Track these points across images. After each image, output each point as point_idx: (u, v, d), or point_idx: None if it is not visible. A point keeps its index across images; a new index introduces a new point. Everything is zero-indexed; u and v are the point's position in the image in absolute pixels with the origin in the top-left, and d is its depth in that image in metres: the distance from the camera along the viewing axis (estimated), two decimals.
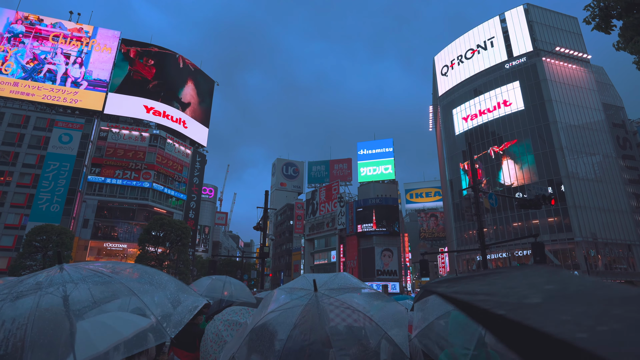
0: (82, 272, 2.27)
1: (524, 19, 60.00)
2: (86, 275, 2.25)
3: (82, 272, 2.27)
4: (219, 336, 4.19)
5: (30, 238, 38.94)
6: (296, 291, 3.28)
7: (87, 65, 61.49)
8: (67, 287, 2.13)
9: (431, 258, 72.44)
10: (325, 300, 3.05)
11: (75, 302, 2.08)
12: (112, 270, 2.36)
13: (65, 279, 2.18)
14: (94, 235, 56.49)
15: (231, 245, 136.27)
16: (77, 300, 2.11)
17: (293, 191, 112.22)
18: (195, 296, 2.63)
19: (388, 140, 77.54)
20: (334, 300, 3.08)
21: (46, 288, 2.09)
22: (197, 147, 74.32)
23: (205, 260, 75.36)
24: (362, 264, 62.63)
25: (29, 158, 54.30)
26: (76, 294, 2.13)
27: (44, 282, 2.14)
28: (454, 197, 63.43)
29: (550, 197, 17.61)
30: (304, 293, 3.15)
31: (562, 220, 49.40)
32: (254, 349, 2.95)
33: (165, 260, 44.50)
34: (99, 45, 63.09)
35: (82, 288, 2.18)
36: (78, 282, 2.19)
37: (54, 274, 2.22)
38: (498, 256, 53.88)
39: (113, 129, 61.65)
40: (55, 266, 2.35)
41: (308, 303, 3.02)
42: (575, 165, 51.54)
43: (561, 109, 54.31)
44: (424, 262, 19.50)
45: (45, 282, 2.13)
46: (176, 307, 2.38)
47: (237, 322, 4.43)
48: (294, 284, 3.55)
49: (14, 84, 57.12)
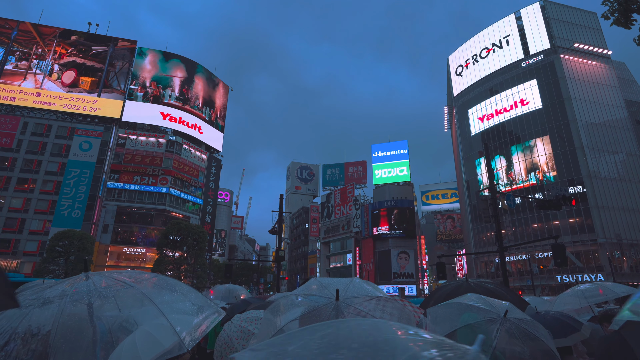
0: (107, 281, 2.31)
1: (540, 15, 58.90)
2: (110, 285, 2.28)
3: (107, 281, 2.31)
4: (244, 332, 4.47)
5: (53, 243, 39.94)
6: (315, 298, 3.25)
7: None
8: (91, 295, 2.17)
9: (449, 260, 71.44)
10: (347, 310, 3.02)
11: (98, 310, 2.12)
12: (135, 280, 2.39)
13: (90, 288, 2.22)
14: (113, 240, 57.66)
15: (247, 248, 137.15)
16: (101, 308, 2.14)
17: (308, 194, 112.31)
18: (214, 308, 2.63)
19: (403, 142, 76.99)
20: (354, 310, 3.05)
21: (72, 296, 2.13)
22: (212, 152, 75.20)
23: (222, 264, 75.95)
24: (378, 267, 62.18)
25: (51, 166, 55.81)
26: (99, 303, 2.17)
27: (70, 290, 2.18)
28: (470, 198, 62.50)
29: (571, 198, 17.17)
30: (325, 302, 3.11)
31: (584, 221, 48.11)
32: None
33: (183, 264, 45.03)
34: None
35: (106, 297, 2.21)
36: (102, 290, 2.22)
37: (79, 281, 2.26)
38: (517, 258, 52.79)
39: (131, 135, 62.94)
40: (81, 274, 2.39)
41: (330, 313, 2.98)
42: (597, 164, 50.18)
43: (581, 107, 53.04)
44: (441, 265, 19.22)
45: (70, 290, 2.18)
46: (196, 319, 2.39)
47: (259, 318, 4.78)
48: (307, 289, 3.52)
49: (36, 94, 58.87)
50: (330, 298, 3.13)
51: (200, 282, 44.05)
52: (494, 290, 5.32)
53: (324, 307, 3.07)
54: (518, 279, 51.11)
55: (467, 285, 5.55)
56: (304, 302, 3.33)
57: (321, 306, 3.09)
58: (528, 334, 3.47)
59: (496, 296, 4.98)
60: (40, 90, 59.33)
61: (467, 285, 5.55)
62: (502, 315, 3.55)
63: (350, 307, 3.06)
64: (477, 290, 5.26)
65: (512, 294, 5.80)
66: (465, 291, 5.32)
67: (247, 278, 71.88)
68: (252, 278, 72.15)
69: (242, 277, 71.13)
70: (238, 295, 14.68)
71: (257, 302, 8.27)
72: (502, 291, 5.36)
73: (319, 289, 3.38)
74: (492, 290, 5.33)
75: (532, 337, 3.46)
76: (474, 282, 5.69)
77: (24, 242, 51.26)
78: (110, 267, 55.94)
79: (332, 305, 3.05)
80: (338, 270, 70.97)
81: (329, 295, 3.18)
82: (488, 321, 3.56)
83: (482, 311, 3.69)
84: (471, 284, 5.60)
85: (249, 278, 71.99)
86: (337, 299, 3.08)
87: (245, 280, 71.01)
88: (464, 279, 5.91)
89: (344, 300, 3.10)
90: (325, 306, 3.07)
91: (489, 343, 3.41)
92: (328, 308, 3.05)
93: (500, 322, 3.51)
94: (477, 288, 5.38)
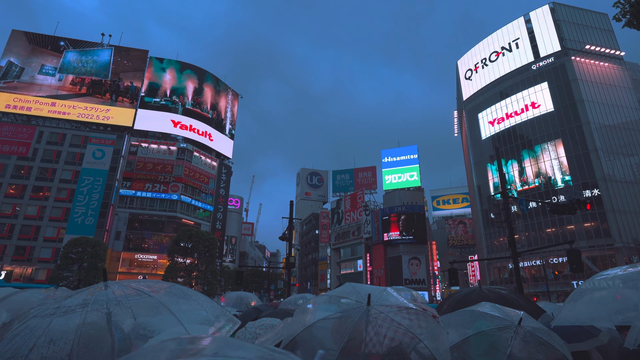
0: (125, 290, 2.35)
1: (550, 18, 58.47)
2: (128, 294, 2.33)
3: (125, 290, 2.35)
4: (259, 339, 4.47)
5: (67, 250, 40.50)
6: (345, 301, 3.30)
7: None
8: (110, 304, 2.21)
9: (461, 266, 70.62)
10: (378, 316, 3.07)
11: (117, 319, 2.16)
12: (152, 289, 2.43)
13: (109, 297, 2.26)
14: (125, 247, 58.31)
15: (258, 255, 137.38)
16: (119, 317, 2.18)
17: (318, 200, 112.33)
18: (229, 316, 2.66)
19: (412, 147, 76.69)
20: (386, 317, 3.08)
21: (92, 305, 2.17)
22: (222, 159, 75.81)
23: (233, 270, 76.17)
24: (389, 273, 61.71)
25: (65, 174, 56.81)
26: (118, 312, 2.21)
27: (90, 299, 2.23)
28: (482, 203, 61.85)
29: (586, 202, 16.83)
30: (356, 305, 3.16)
31: (599, 225, 47.21)
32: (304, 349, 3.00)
33: (194, 271, 45.23)
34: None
35: (124, 306, 2.25)
36: (121, 300, 2.26)
37: (99, 291, 2.31)
38: (532, 264, 51.94)
39: (142, 143, 63.84)
40: (100, 283, 2.44)
41: (360, 316, 3.04)
42: (612, 167, 49.31)
43: (594, 109, 52.31)
44: (453, 271, 19.00)
45: (91, 299, 2.22)
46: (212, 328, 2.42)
47: (272, 325, 4.76)
48: (341, 292, 3.56)
49: (51, 104, 60.18)
50: (361, 302, 3.18)
51: (211, 289, 44.21)
52: (507, 297, 5.25)
53: (354, 311, 3.11)
54: (532, 285, 50.24)
55: (480, 292, 5.49)
56: (334, 303, 3.38)
57: (352, 309, 3.14)
58: (543, 342, 3.43)
59: (510, 302, 4.92)
60: (55, 100, 60.64)
61: (480, 292, 5.49)
62: (517, 323, 3.52)
63: (381, 313, 3.10)
64: (491, 297, 5.20)
65: (527, 301, 5.71)
66: (477, 297, 5.26)
67: (257, 285, 71.90)
68: (262, 285, 72.17)
69: (252, 284, 71.17)
70: (249, 303, 14.71)
71: (269, 309, 8.31)
72: (516, 297, 5.28)
73: (351, 293, 3.44)
74: (505, 297, 5.25)
75: (547, 346, 3.42)
76: (487, 288, 5.63)
77: (38, 249, 52.14)
78: (122, 274, 56.52)
79: (363, 310, 3.10)
80: (349, 277, 70.60)
81: (360, 299, 3.24)
82: (501, 328, 3.54)
83: (496, 319, 3.66)
84: (484, 290, 5.54)
85: (259, 285, 72.00)
86: (368, 304, 3.12)
87: (255, 287, 71.03)
88: (476, 286, 5.85)
89: (374, 306, 3.14)
90: (355, 309, 3.12)
91: (502, 350, 3.39)
92: (358, 312, 3.09)
93: (514, 330, 3.48)
94: (491, 295, 5.32)
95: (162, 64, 70.29)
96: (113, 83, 64.71)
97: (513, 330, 3.47)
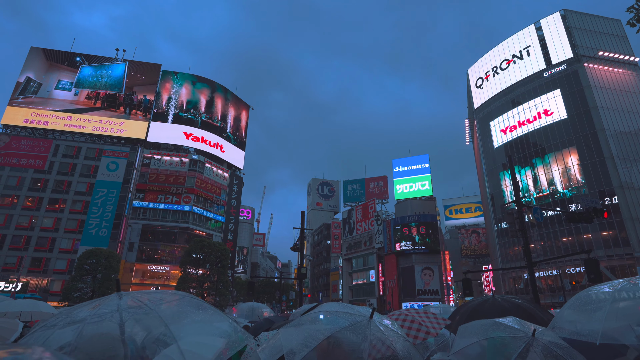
0: (139, 301, 2.36)
1: (561, 25, 58.11)
2: (141, 305, 2.34)
3: (139, 301, 2.36)
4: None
5: (81, 262, 41.01)
6: (348, 316, 3.37)
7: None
8: (123, 315, 2.22)
9: (474, 277, 69.39)
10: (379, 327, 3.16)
11: (130, 330, 2.16)
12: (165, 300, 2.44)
13: (122, 307, 2.27)
14: (138, 258, 58.81)
15: (269, 266, 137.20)
16: (132, 327, 2.19)
17: (329, 210, 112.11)
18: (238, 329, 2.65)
19: (424, 156, 76.30)
20: (385, 329, 3.19)
21: (104, 315, 2.19)
22: (234, 170, 76.38)
23: (244, 281, 76.15)
24: (402, 284, 60.93)
25: (80, 186, 57.85)
26: (131, 322, 2.21)
27: (103, 309, 2.24)
28: (495, 212, 60.97)
29: (603, 210, 16.44)
30: (360, 319, 3.26)
31: (617, 234, 46.06)
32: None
33: (206, 282, 45.33)
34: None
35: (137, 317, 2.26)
36: (134, 310, 2.27)
37: (112, 301, 2.33)
38: (548, 274, 50.80)
39: (155, 155, 64.76)
40: (113, 294, 2.45)
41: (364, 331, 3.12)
42: (629, 174, 48.26)
43: (609, 116, 51.48)
44: (467, 281, 18.68)
45: (104, 310, 2.24)
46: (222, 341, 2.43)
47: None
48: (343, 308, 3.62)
49: (67, 117, 61.65)
50: (364, 316, 3.30)
51: (223, 300, 44.19)
52: (522, 306, 5.12)
53: (359, 324, 3.21)
54: (549, 296, 49.05)
55: (494, 301, 5.37)
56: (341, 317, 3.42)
57: (357, 322, 3.25)
58: (558, 356, 3.28)
59: (525, 311, 4.80)
60: (71, 114, 62.10)
61: (494, 301, 5.37)
62: (531, 335, 3.41)
63: (381, 326, 3.23)
64: (505, 306, 5.08)
65: (542, 311, 5.55)
66: (491, 306, 5.15)
67: (269, 295, 71.67)
68: (274, 295, 71.89)
69: (264, 295, 70.97)
70: (261, 313, 14.64)
71: (281, 320, 8.24)
72: (531, 306, 5.14)
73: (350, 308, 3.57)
74: (520, 306, 5.12)
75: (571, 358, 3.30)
76: (501, 297, 5.50)
77: (54, 260, 52.91)
78: (135, 285, 56.88)
79: (365, 323, 3.20)
80: (361, 288, 69.94)
81: (361, 314, 3.38)
82: (513, 337, 3.45)
83: (511, 329, 3.57)
84: (497, 299, 5.42)
85: (271, 295, 71.76)
86: (370, 318, 3.24)
87: (267, 298, 70.80)
88: (490, 295, 5.73)
89: (376, 320, 3.26)
90: (359, 323, 3.22)
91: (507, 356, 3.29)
92: (362, 325, 3.19)
93: (526, 341, 3.37)
94: (505, 304, 5.20)
95: (177, 77, 71.59)
96: (127, 97, 66.07)
97: (525, 340, 3.38)
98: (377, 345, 3.10)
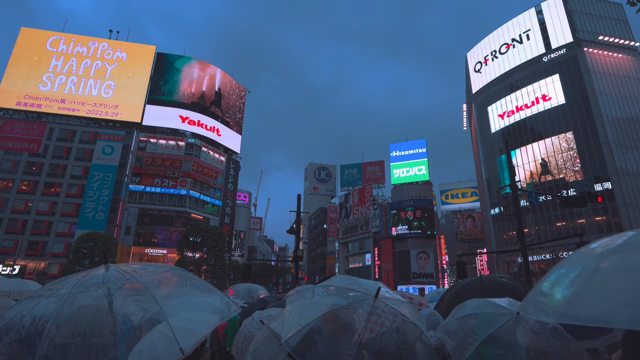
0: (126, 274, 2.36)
1: (562, 8, 57.36)
2: (130, 277, 2.34)
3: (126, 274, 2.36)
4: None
5: (78, 245, 41.19)
6: (351, 292, 3.35)
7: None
8: (110, 287, 2.23)
9: (469, 260, 70.21)
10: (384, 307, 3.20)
11: (118, 303, 2.17)
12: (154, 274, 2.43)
13: (109, 279, 2.28)
14: (135, 242, 59.02)
15: (266, 249, 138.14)
16: (120, 301, 2.20)
17: (326, 195, 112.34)
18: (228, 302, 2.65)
19: (421, 141, 76.11)
20: (391, 309, 3.22)
21: (91, 286, 2.19)
22: (230, 154, 76.09)
23: (241, 264, 76.69)
24: (397, 267, 61.62)
25: (76, 170, 57.56)
26: (119, 295, 2.22)
27: (90, 280, 2.24)
28: (491, 196, 61.31)
29: (597, 194, 16.58)
30: (363, 297, 3.24)
31: (611, 219, 46.53)
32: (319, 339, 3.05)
33: (203, 265, 45.72)
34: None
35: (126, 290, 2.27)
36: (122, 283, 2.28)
37: (98, 272, 2.32)
38: (541, 258, 51.46)
39: (151, 139, 64.29)
40: (100, 266, 2.46)
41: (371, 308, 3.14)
42: (625, 160, 48.45)
43: (607, 101, 51.35)
44: (461, 264, 18.93)
45: (89, 282, 2.24)
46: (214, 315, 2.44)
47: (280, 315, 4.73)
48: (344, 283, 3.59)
49: (61, 100, 60.85)
50: (368, 295, 3.26)
51: (220, 283, 44.67)
52: (508, 285, 5.15)
53: (363, 303, 3.21)
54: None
55: (480, 281, 5.39)
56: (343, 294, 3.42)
57: (361, 301, 3.23)
58: (539, 333, 3.32)
59: (511, 291, 4.83)
60: (65, 96, 61.29)
61: (480, 281, 5.39)
62: (516, 313, 3.41)
63: (388, 306, 3.23)
64: (491, 286, 5.12)
65: (529, 288, 5.58)
66: (478, 287, 5.19)
67: (266, 279, 72.36)
68: (271, 278, 72.61)
69: (261, 278, 71.64)
70: (257, 295, 14.79)
71: (276, 300, 8.35)
72: (518, 285, 5.18)
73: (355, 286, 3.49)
74: (506, 285, 5.16)
75: (558, 337, 3.32)
76: (487, 277, 5.52)
77: (51, 244, 53.04)
78: None
79: (371, 302, 3.19)
80: (357, 271, 70.68)
81: (365, 291, 3.32)
82: (498, 314, 3.47)
83: (499, 307, 3.59)
84: (484, 279, 5.44)
85: (268, 278, 72.45)
86: (376, 297, 3.21)
87: (264, 281, 71.49)
88: (478, 277, 5.76)
89: (381, 299, 3.25)
90: (364, 302, 3.21)
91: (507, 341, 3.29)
92: (367, 304, 3.19)
93: (510, 316, 3.38)
94: (491, 283, 5.24)
95: (172, 60, 70.48)
96: None
97: (509, 316, 3.40)
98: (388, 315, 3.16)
